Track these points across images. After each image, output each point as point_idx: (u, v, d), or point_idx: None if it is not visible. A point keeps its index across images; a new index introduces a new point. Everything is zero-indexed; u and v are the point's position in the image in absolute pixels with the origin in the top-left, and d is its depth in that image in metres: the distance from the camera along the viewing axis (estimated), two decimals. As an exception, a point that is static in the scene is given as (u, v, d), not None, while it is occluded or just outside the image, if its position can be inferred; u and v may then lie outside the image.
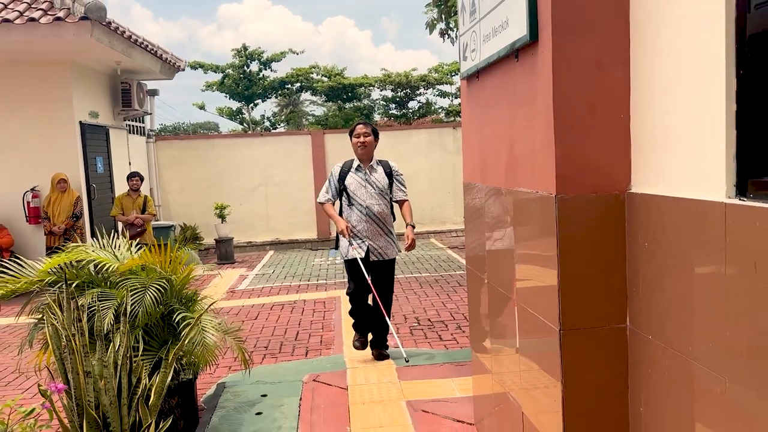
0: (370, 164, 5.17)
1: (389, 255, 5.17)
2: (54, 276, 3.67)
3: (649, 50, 2.08)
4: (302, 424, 3.85)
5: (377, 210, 5.07)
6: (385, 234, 5.15)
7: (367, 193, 5.08)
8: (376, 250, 5.10)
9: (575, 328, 2.24)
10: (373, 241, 5.08)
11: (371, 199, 5.07)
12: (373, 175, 5.13)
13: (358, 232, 5.10)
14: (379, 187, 5.10)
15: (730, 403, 1.70)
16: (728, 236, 1.68)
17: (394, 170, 5.25)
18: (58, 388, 2.32)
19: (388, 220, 5.19)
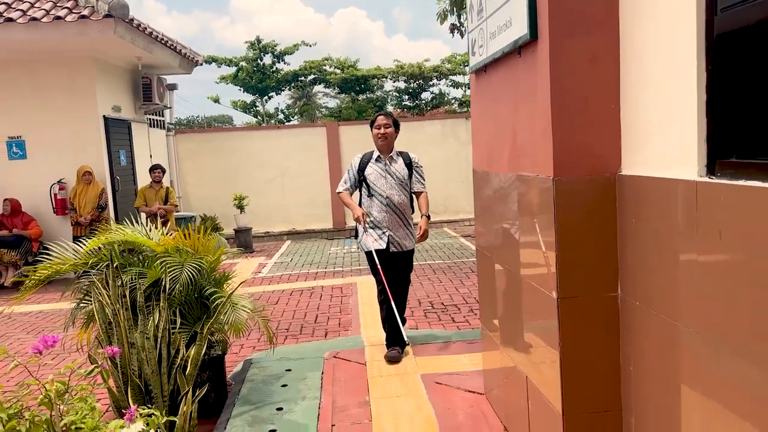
0: (390, 155, 5.12)
1: (408, 246, 5.12)
2: (95, 257, 3.97)
3: (635, 48, 2.33)
4: (325, 395, 4.15)
5: (397, 200, 5.01)
6: (405, 225, 5.09)
7: (387, 183, 5.02)
8: (396, 240, 5.03)
9: (571, 296, 2.51)
10: (393, 231, 5.02)
11: (391, 189, 5.01)
12: (393, 166, 5.07)
13: (378, 223, 5.03)
14: (399, 178, 5.05)
15: (706, 357, 1.96)
16: (699, 209, 1.93)
17: (414, 161, 5.20)
18: (114, 351, 2.62)
19: (408, 211, 5.13)
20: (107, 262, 3.85)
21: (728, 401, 1.84)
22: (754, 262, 1.69)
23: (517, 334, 3.17)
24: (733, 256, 1.79)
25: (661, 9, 2.14)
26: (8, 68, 9.84)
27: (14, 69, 9.86)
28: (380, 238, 5.02)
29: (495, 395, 3.79)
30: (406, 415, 3.77)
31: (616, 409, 2.56)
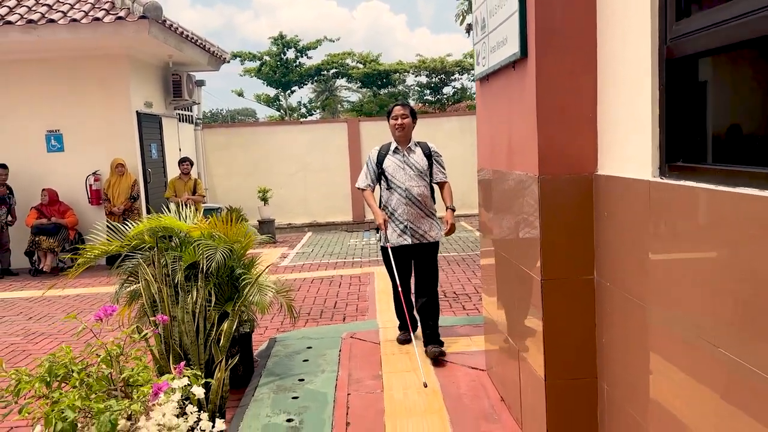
0: (408, 146, 4.98)
1: (432, 237, 4.95)
2: (137, 240, 4.45)
3: (607, 66, 2.72)
4: (342, 368, 4.60)
5: (417, 192, 4.86)
6: (427, 216, 4.94)
7: (405, 175, 4.88)
8: (416, 232, 4.89)
9: (553, 278, 2.92)
10: (414, 223, 4.88)
11: (410, 181, 4.87)
12: (411, 157, 4.94)
13: (398, 216, 4.89)
14: (418, 169, 4.90)
15: (663, 329, 2.34)
16: (652, 205, 2.33)
17: (433, 151, 5.06)
18: (163, 318, 3.08)
19: (429, 202, 4.97)
20: (149, 245, 4.33)
21: (681, 365, 2.22)
22: (694, 248, 2.08)
23: (512, 313, 3.58)
24: (678, 243, 2.18)
25: (626, 36, 2.53)
26: (47, 65, 10.40)
27: (53, 66, 10.42)
28: (403, 233, 4.90)
29: (494, 371, 4.21)
30: (414, 386, 4.21)
31: (591, 376, 2.96)
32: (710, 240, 1.97)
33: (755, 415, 1.75)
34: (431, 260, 5.02)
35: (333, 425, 3.67)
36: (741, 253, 1.80)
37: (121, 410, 2.54)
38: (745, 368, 1.78)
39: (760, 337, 1.72)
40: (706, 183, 2.00)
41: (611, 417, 2.84)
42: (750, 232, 1.75)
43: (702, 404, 2.05)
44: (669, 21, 2.24)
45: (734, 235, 1.83)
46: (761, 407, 1.72)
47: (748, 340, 1.78)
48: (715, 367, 1.94)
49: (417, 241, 4.91)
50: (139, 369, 2.79)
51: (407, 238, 4.90)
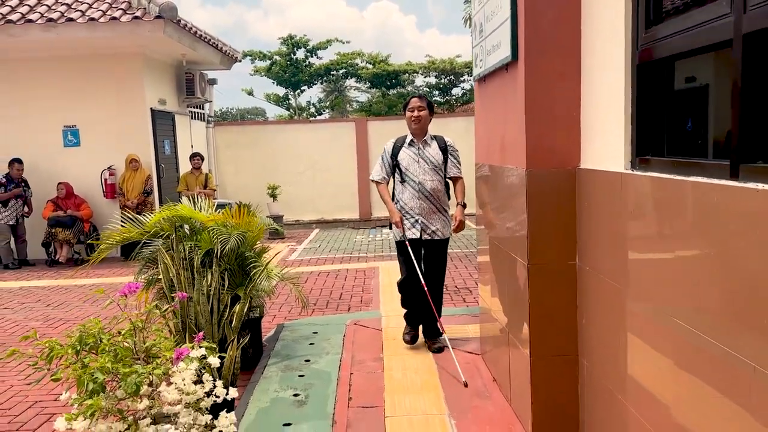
0: (424, 139, 4.88)
1: (442, 234, 4.89)
2: (156, 228, 4.74)
3: (590, 70, 2.99)
4: (345, 351, 4.88)
5: (430, 186, 4.79)
6: (439, 212, 4.87)
7: (420, 168, 4.80)
8: (428, 228, 4.83)
9: (538, 263, 3.19)
10: (425, 218, 4.81)
11: (424, 174, 4.79)
12: (426, 150, 4.85)
13: (410, 209, 4.84)
14: (432, 163, 4.81)
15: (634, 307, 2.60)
16: (623, 194, 2.60)
17: (449, 145, 4.93)
18: (182, 295, 3.36)
19: (443, 197, 4.89)
20: (167, 233, 4.63)
21: (650, 340, 2.47)
22: (659, 233, 2.34)
23: (503, 297, 3.85)
24: (645, 229, 2.45)
25: (605, 43, 2.80)
26: (65, 63, 10.73)
27: (70, 63, 10.74)
28: (413, 226, 4.84)
29: (488, 355, 4.47)
30: (413, 367, 4.48)
31: (573, 353, 3.22)
32: (672, 224, 2.23)
33: (712, 381, 1.99)
34: (440, 257, 4.96)
35: (336, 399, 3.96)
36: (698, 234, 2.06)
37: (146, 373, 2.82)
38: (704, 340, 2.03)
39: (716, 311, 1.97)
40: (669, 173, 2.27)
41: (591, 391, 3.11)
42: (704, 214, 2.02)
43: (668, 375, 2.30)
44: (640, 29, 2.50)
45: (692, 218, 2.10)
46: (717, 374, 1.95)
47: (705, 314, 2.04)
48: (679, 340, 2.19)
49: (427, 237, 4.85)
50: (159, 340, 3.08)
51: (416, 232, 4.84)
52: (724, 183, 1.89)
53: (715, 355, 1.94)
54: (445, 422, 3.60)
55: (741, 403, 1.82)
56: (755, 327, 1.73)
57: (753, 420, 1.76)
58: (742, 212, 1.80)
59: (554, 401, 3.27)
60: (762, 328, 1.70)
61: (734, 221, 1.83)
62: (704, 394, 2.03)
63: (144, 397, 2.98)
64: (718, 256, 1.93)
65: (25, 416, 4.40)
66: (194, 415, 3.03)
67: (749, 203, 1.74)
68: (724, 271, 1.89)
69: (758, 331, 1.72)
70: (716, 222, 1.93)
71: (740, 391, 1.82)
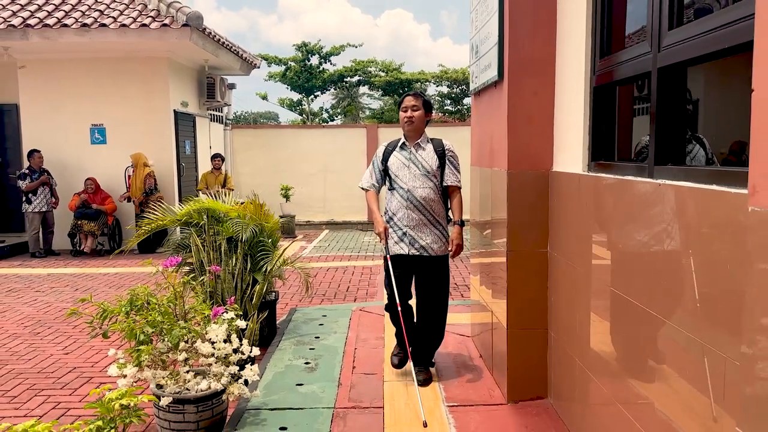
0: (417, 142, 4.30)
1: (436, 251, 4.21)
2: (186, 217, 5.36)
3: (561, 89, 3.59)
4: (351, 331, 5.49)
5: (420, 194, 4.17)
6: (431, 224, 4.21)
7: (410, 174, 4.21)
8: (416, 242, 4.19)
9: (516, 250, 3.78)
10: (415, 231, 4.19)
11: (414, 180, 4.19)
12: (419, 154, 4.26)
13: (397, 221, 4.24)
14: (425, 168, 4.21)
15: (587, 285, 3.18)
16: (580, 191, 3.19)
17: (447, 149, 4.31)
18: (216, 269, 3.97)
19: (436, 207, 4.23)
20: (195, 221, 5.25)
21: (600, 312, 3.06)
22: (605, 222, 2.93)
23: (487, 281, 4.45)
24: (595, 219, 3.03)
25: (571, 68, 3.40)
26: (94, 65, 11.41)
27: (99, 65, 11.42)
28: (401, 240, 4.24)
29: (477, 337, 5.06)
30: (409, 345, 5.08)
31: (543, 327, 3.81)
32: (610, 214, 2.82)
33: (642, 339, 2.58)
34: (435, 278, 4.29)
35: (342, 367, 4.56)
36: (629, 222, 2.65)
37: (187, 327, 3.44)
38: (640, 309, 2.61)
39: (643, 283, 2.56)
40: (610, 174, 2.86)
41: (556, 357, 3.69)
42: (632, 205, 2.60)
43: (609, 337, 2.88)
44: (596, 59, 3.10)
45: (624, 208, 2.69)
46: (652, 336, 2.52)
47: (636, 285, 2.62)
48: (624, 311, 2.76)
49: (416, 252, 4.21)
50: (198, 304, 3.70)
51: (404, 247, 4.22)
52: (644, 180, 2.48)
53: (649, 319, 2.52)
54: (435, 387, 4.19)
55: (662, 352, 2.41)
56: (673, 293, 2.32)
57: (667, 366, 2.35)
58: (655, 202, 2.39)
59: (527, 367, 3.85)
60: (677, 294, 2.29)
61: (651, 209, 2.42)
62: (636, 349, 2.61)
63: (183, 351, 3.59)
64: (642, 237, 2.51)
65: (66, 378, 5.01)
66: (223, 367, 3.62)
67: (659, 195, 2.33)
68: (647, 249, 2.48)
69: (675, 296, 2.30)
70: (640, 211, 2.52)
71: (663, 344, 2.40)
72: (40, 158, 10.97)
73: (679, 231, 2.15)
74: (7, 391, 4.71)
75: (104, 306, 3.76)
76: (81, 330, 6.29)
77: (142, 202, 11.03)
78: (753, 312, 1.46)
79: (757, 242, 1.41)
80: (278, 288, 5.82)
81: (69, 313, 3.77)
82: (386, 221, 4.34)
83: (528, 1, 3.62)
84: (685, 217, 2.11)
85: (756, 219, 1.40)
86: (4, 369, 5.19)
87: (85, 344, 5.83)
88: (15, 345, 5.85)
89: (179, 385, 3.52)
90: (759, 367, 1.44)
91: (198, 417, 3.52)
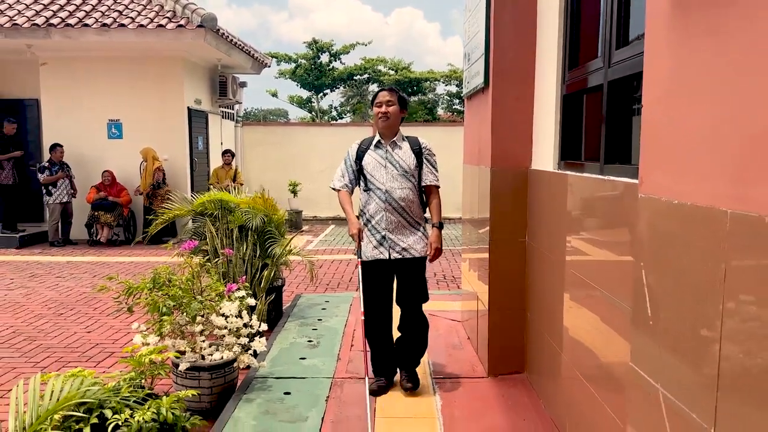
0: (393, 140, 4.11)
1: (417, 251, 4.05)
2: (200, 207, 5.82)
3: (539, 96, 4.03)
4: (351, 315, 5.94)
5: (399, 195, 4.00)
6: (411, 225, 4.05)
7: (387, 174, 4.03)
8: (397, 245, 4.01)
9: (497, 240, 4.22)
10: (394, 234, 4.02)
11: (392, 181, 4.01)
12: (396, 153, 4.06)
13: (375, 224, 4.05)
14: (402, 167, 4.03)
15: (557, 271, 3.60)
16: (550, 187, 3.62)
17: (424, 147, 4.12)
18: (229, 252, 4.43)
19: (415, 208, 4.07)
20: (210, 212, 5.71)
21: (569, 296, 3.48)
22: (570, 213, 3.36)
23: (474, 268, 4.89)
24: (565, 213, 3.46)
25: (546, 78, 3.84)
26: (112, 63, 11.90)
27: (117, 63, 11.90)
28: (380, 244, 4.04)
29: (466, 322, 5.50)
30: (404, 327, 5.53)
31: (521, 308, 4.25)
32: (571, 205, 3.26)
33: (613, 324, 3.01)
34: (415, 279, 4.13)
35: (341, 345, 5.02)
36: (586, 213, 3.08)
37: (204, 301, 3.90)
38: (605, 295, 3.05)
39: (595, 265, 2.99)
40: (573, 171, 3.30)
41: (531, 335, 4.13)
42: (588, 199, 3.04)
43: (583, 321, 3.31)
44: (565, 71, 3.54)
45: (581, 201, 3.12)
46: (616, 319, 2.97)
47: (589, 267, 3.06)
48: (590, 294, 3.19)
49: (398, 255, 4.03)
50: (213, 282, 4.16)
51: (384, 251, 4.03)
52: (595, 177, 2.92)
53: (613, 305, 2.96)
54: (424, 362, 4.63)
55: (610, 323, 2.85)
56: (616, 273, 2.76)
57: (614, 332, 2.79)
58: (604, 196, 2.82)
59: (506, 344, 4.30)
60: (619, 274, 2.72)
61: (601, 202, 2.86)
62: (592, 321, 3.05)
63: (199, 323, 4.06)
64: (594, 227, 2.95)
65: (90, 353, 5.49)
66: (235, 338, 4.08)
67: (608, 190, 2.77)
68: (597, 237, 2.91)
69: (618, 276, 2.74)
70: (593, 203, 2.95)
71: (610, 316, 2.84)
72: (61, 152, 11.47)
73: (614, 219, 2.59)
74: (38, 363, 5.20)
75: (129, 284, 4.22)
76: (102, 311, 6.79)
77: (149, 194, 11.51)
78: (639, 272, 1.87)
79: (645, 220, 1.85)
80: (284, 277, 6.27)
81: (99, 288, 4.23)
82: (363, 224, 4.13)
83: (510, 18, 4.06)
84: (619, 207, 2.55)
85: (642, 203, 1.84)
86: (33, 344, 5.68)
87: (105, 324, 6.32)
88: (41, 324, 6.34)
89: (196, 353, 3.98)
90: (637, 310, 1.86)
91: (211, 383, 3.99)
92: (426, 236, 4.12)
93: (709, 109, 1.46)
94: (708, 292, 1.46)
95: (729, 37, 1.40)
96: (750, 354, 1.31)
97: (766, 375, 1.26)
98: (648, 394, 1.77)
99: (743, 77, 1.34)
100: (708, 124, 1.47)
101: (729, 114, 1.38)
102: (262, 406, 3.85)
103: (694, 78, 1.55)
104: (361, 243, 4.10)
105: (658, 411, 1.70)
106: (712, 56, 1.46)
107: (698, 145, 1.51)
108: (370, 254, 4.07)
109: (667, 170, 1.66)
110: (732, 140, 1.36)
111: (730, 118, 1.37)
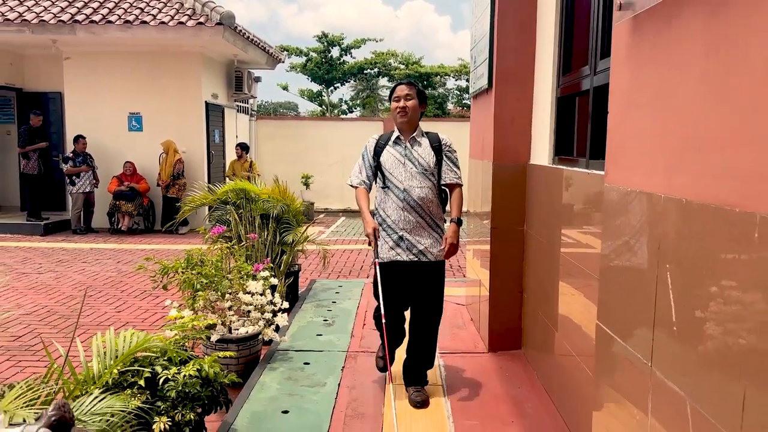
0: (413, 136, 3.97)
1: (435, 255, 3.88)
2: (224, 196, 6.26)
3: (537, 97, 4.43)
4: (363, 298, 6.38)
5: (418, 194, 3.83)
6: (430, 227, 3.88)
7: (406, 172, 3.87)
8: (414, 247, 3.84)
9: (498, 227, 4.64)
10: (412, 235, 3.85)
11: (411, 180, 3.85)
12: (415, 150, 3.92)
13: (392, 223, 3.88)
14: (422, 165, 3.87)
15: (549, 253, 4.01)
16: (547, 181, 4.04)
17: (444, 144, 3.96)
18: (253, 236, 4.87)
19: (435, 208, 3.90)
20: (232, 200, 6.16)
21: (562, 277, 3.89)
22: (563, 203, 3.77)
23: (478, 255, 5.31)
24: (557, 204, 3.87)
25: (544, 81, 4.24)
26: (133, 58, 12.36)
27: (137, 59, 12.36)
28: (396, 245, 3.87)
29: (470, 306, 5.93)
30: (412, 309, 5.96)
31: (519, 290, 4.67)
32: (563, 197, 3.67)
33: (582, 291, 3.43)
34: (432, 286, 3.96)
35: (354, 324, 5.46)
36: (575, 204, 3.49)
37: (233, 280, 4.34)
38: (593, 277, 3.46)
39: (584, 249, 3.40)
40: (564, 166, 3.71)
41: (527, 314, 4.55)
42: (576, 191, 3.45)
43: (571, 299, 3.72)
44: (560, 75, 3.95)
45: (571, 193, 3.53)
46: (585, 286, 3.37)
47: (578, 250, 3.47)
48: (579, 277, 3.61)
49: (414, 258, 3.86)
50: (241, 263, 4.60)
51: (401, 252, 3.87)
52: (582, 170, 3.33)
53: (587, 278, 3.37)
54: (430, 340, 5.06)
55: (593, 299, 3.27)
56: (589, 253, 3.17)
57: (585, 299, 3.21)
58: (590, 190, 3.23)
59: (505, 323, 4.72)
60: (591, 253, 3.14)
61: (586, 193, 3.27)
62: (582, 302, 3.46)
63: (228, 300, 4.50)
64: (582, 216, 3.37)
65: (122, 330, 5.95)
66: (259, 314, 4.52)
67: (593, 183, 3.18)
68: (585, 225, 3.33)
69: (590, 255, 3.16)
70: (581, 195, 3.37)
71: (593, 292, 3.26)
72: (84, 144, 11.93)
73: (598, 208, 3.01)
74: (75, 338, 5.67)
75: (164, 264, 4.67)
76: (129, 293, 7.26)
77: (168, 185, 11.97)
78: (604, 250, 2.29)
79: (608, 207, 2.26)
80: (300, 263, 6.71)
81: (138, 267, 4.68)
82: (379, 223, 3.95)
83: (512, 26, 4.46)
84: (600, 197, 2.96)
85: (607, 191, 2.26)
86: (68, 322, 6.15)
87: (134, 305, 6.79)
88: (73, 304, 6.81)
89: (225, 326, 4.43)
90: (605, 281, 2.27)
91: (238, 354, 4.43)
92: (442, 240, 3.90)
93: (650, 117, 1.88)
94: (648, 259, 1.88)
95: (667, 58, 1.81)
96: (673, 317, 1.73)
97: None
98: (611, 345, 2.19)
99: (677, 90, 1.75)
100: (648, 128, 1.88)
101: (663, 120, 1.79)
102: (285, 374, 4.30)
103: (641, 91, 1.96)
104: (378, 242, 3.90)
105: (623, 363, 2.12)
106: (655, 74, 1.87)
107: (642, 144, 1.92)
108: (386, 255, 3.88)
109: (623, 165, 2.08)
110: (666, 141, 1.78)
111: (664, 124, 1.79)
